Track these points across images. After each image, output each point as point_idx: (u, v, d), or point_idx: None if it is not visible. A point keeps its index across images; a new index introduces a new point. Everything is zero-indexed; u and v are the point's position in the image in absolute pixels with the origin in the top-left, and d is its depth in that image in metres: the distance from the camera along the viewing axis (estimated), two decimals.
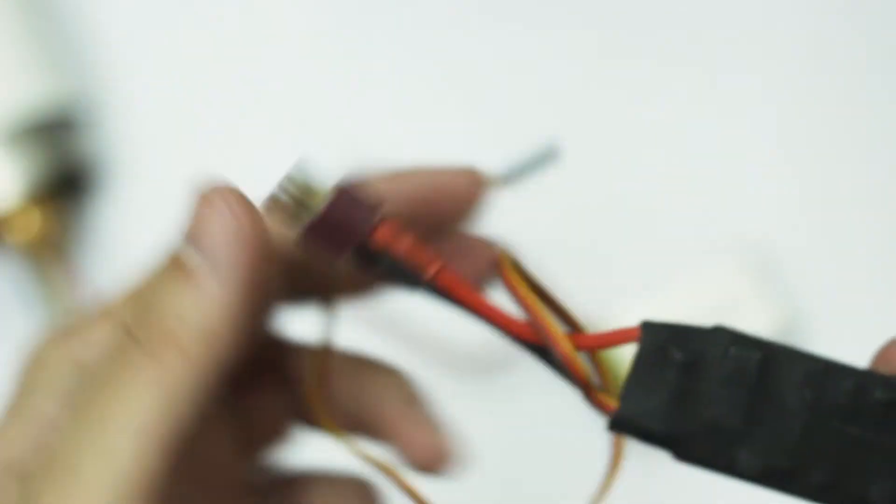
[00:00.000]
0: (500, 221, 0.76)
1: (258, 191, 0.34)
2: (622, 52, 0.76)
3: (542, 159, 0.40)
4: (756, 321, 0.71)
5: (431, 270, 0.32)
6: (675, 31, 0.76)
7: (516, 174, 0.39)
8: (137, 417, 0.27)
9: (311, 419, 0.34)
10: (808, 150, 0.75)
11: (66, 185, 0.70)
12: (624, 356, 0.66)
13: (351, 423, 0.37)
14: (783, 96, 0.75)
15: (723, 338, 0.34)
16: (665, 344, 0.34)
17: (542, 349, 0.35)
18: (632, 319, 0.70)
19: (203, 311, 0.28)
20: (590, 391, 0.35)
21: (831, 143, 0.75)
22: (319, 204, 0.30)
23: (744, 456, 0.35)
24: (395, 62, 0.75)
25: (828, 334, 0.74)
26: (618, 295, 0.73)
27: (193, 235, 0.30)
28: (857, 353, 0.63)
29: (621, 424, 0.34)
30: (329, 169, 0.31)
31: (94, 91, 0.73)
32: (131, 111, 0.73)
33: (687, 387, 0.34)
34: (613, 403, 0.34)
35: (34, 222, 0.68)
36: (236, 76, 0.74)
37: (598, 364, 0.34)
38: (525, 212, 0.73)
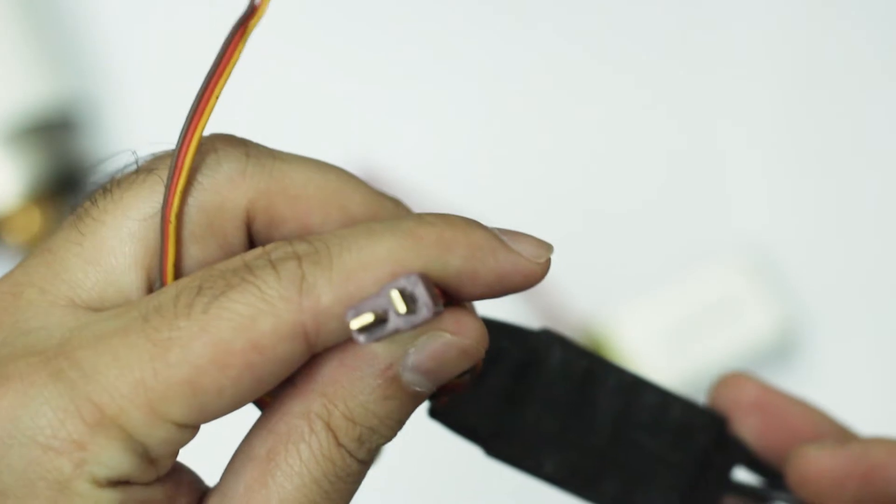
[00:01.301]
0: (500, 222, 0.75)
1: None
2: (622, 56, 0.76)
3: None
4: (756, 321, 0.71)
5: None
6: (676, 34, 0.76)
7: None
8: None
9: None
10: (807, 151, 0.75)
11: (66, 185, 0.70)
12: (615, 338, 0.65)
13: None
14: (783, 97, 0.75)
15: (552, 342, 0.35)
16: (499, 343, 0.34)
17: None
18: (632, 319, 0.71)
19: None
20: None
21: (831, 144, 0.75)
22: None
23: (551, 460, 0.35)
24: (407, 66, 0.75)
25: (827, 334, 0.74)
26: (618, 295, 0.73)
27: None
28: (857, 352, 0.63)
29: (442, 415, 0.34)
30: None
31: (94, 91, 0.73)
32: (131, 111, 0.73)
33: (513, 387, 0.34)
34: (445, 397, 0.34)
35: (34, 222, 0.68)
36: (236, 76, 0.74)
37: None
38: (526, 212, 0.73)
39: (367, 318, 0.28)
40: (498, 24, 0.76)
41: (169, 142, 0.31)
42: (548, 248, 0.31)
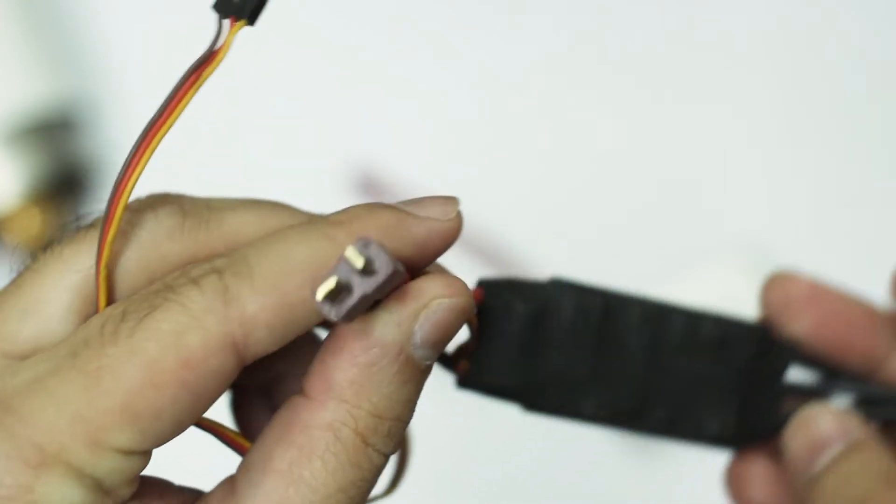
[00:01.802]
0: (502, 223, 0.76)
1: (257, 190, 0.34)
2: (621, 56, 0.76)
3: None
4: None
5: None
6: (676, 35, 0.76)
7: None
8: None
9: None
10: (807, 151, 0.75)
11: (65, 185, 0.70)
12: None
13: None
14: (783, 97, 0.75)
15: (563, 289, 0.35)
16: (508, 299, 0.34)
17: None
18: None
19: None
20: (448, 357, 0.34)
21: (831, 144, 0.75)
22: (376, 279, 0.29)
23: (590, 402, 0.35)
24: (406, 67, 0.75)
25: None
26: None
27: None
28: None
29: (470, 382, 0.34)
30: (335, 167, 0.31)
31: (94, 91, 0.73)
32: (131, 111, 0.73)
33: (533, 339, 0.34)
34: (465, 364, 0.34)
35: (34, 222, 0.68)
36: (236, 77, 0.74)
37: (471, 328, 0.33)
38: (525, 213, 0.73)
39: (330, 282, 0.28)
40: (498, 24, 0.76)
41: (169, 143, 0.31)
42: (454, 202, 0.31)
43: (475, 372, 0.34)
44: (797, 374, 0.39)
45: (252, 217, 0.31)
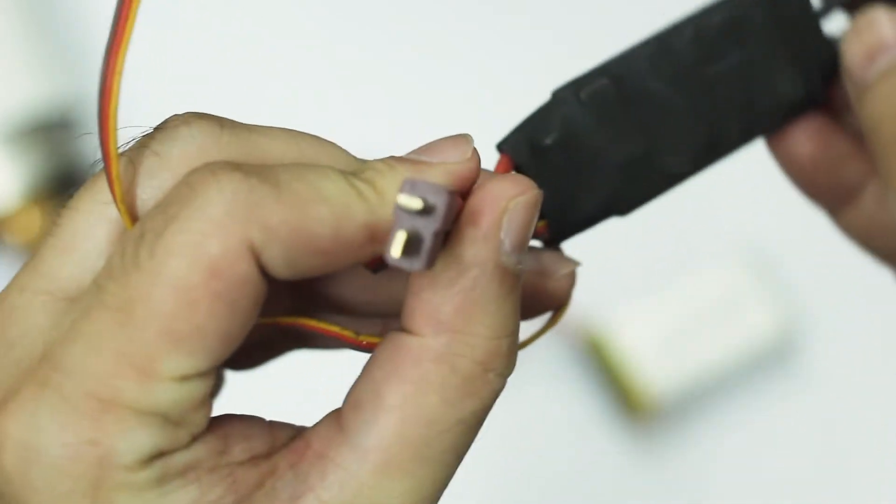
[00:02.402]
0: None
1: None
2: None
3: None
4: (756, 321, 0.71)
5: None
6: None
7: None
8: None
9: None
10: None
11: (66, 185, 0.70)
12: (620, 351, 0.65)
13: None
14: None
15: (567, 96, 0.33)
16: (530, 141, 0.33)
17: None
18: (632, 319, 0.71)
19: None
20: None
21: None
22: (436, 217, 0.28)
23: (669, 161, 0.34)
24: (405, 68, 0.75)
25: (827, 334, 0.74)
26: (618, 295, 0.73)
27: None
28: (856, 351, 0.64)
29: (559, 236, 0.33)
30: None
31: (93, 91, 0.73)
32: (131, 111, 0.73)
33: (579, 155, 0.33)
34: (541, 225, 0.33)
35: (34, 222, 0.68)
36: (236, 77, 0.74)
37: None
38: None
39: (400, 237, 0.27)
40: (498, 24, 0.76)
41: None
42: (467, 140, 0.30)
43: (557, 223, 0.33)
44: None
45: (291, 146, 0.30)
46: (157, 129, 0.30)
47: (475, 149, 0.30)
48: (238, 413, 0.30)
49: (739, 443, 0.73)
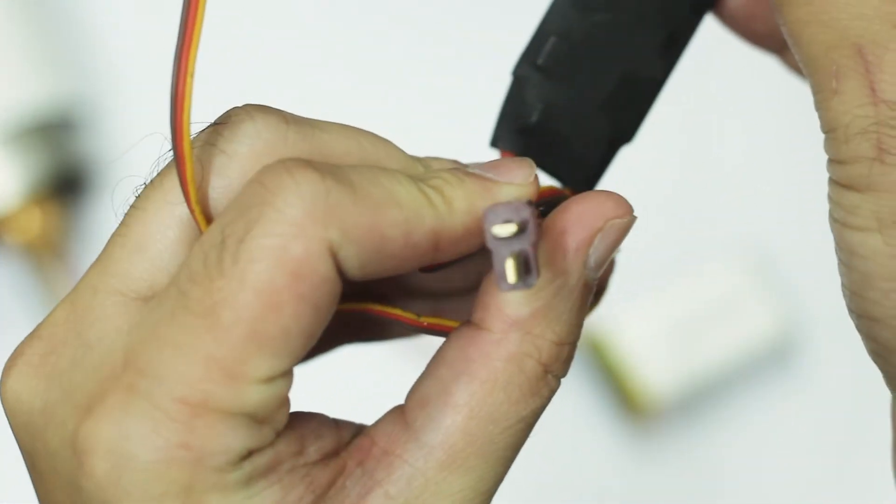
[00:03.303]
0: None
1: None
2: None
3: None
4: (756, 321, 0.71)
5: None
6: None
7: None
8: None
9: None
10: (807, 151, 0.75)
11: (66, 185, 0.70)
12: (623, 353, 0.65)
13: None
14: (784, 97, 0.75)
15: (526, 70, 0.35)
16: (517, 128, 0.34)
17: None
18: (632, 319, 0.71)
19: None
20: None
21: None
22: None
23: (644, 74, 0.35)
24: (406, 67, 0.75)
25: (827, 334, 0.74)
26: (619, 295, 0.73)
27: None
28: (856, 351, 0.63)
29: (586, 188, 0.34)
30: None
31: (94, 91, 0.73)
32: (131, 111, 0.73)
33: (565, 118, 0.34)
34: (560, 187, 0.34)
35: (34, 222, 0.68)
36: (236, 77, 0.74)
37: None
38: None
39: (510, 265, 0.28)
40: (497, 24, 0.76)
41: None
42: (530, 165, 0.31)
43: (576, 182, 0.34)
44: None
45: (354, 143, 0.30)
46: (220, 124, 0.30)
47: (537, 175, 0.31)
48: (306, 411, 0.31)
49: (739, 443, 0.73)
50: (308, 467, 0.29)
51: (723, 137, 0.75)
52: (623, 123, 0.35)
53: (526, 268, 0.28)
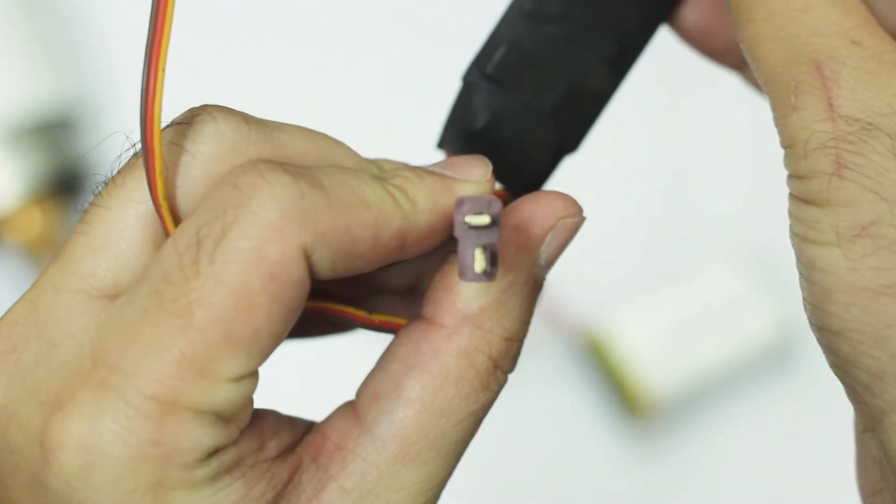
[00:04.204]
0: None
1: None
2: None
3: None
4: (756, 322, 0.71)
5: None
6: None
7: None
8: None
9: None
10: None
11: (66, 185, 0.70)
12: (622, 354, 0.66)
13: None
14: None
15: (475, 78, 0.35)
16: (463, 132, 0.35)
17: None
18: (632, 320, 0.71)
19: None
20: None
21: None
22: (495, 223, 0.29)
23: (592, 85, 0.36)
24: (404, 67, 0.75)
25: None
26: (619, 296, 0.73)
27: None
28: None
29: (524, 192, 0.34)
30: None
31: (94, 91, 0.73)
32: (131, 111, 0.73)
33: (512, 124, 0.34)
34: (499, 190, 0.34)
35: (34, 222, 0.68)
36: (237, 77, 0.74)
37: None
38: None
39: (479, 256, 0.28)
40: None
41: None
42: (486, 163, 0.32)
43: (515, 186, 0.35)
44: None
45: (311, 144, 0.31)
46: (182, 124, 0.30)
47: (493, 173, 0.32)
48: (262, 408, 0.31)
49: (739, 443, 0.73)
50: (268, 463, 0.30)
51: (723, 138, 0.75)
52: (568, 134, 0.35)
53: (492, 260, 0.28)
